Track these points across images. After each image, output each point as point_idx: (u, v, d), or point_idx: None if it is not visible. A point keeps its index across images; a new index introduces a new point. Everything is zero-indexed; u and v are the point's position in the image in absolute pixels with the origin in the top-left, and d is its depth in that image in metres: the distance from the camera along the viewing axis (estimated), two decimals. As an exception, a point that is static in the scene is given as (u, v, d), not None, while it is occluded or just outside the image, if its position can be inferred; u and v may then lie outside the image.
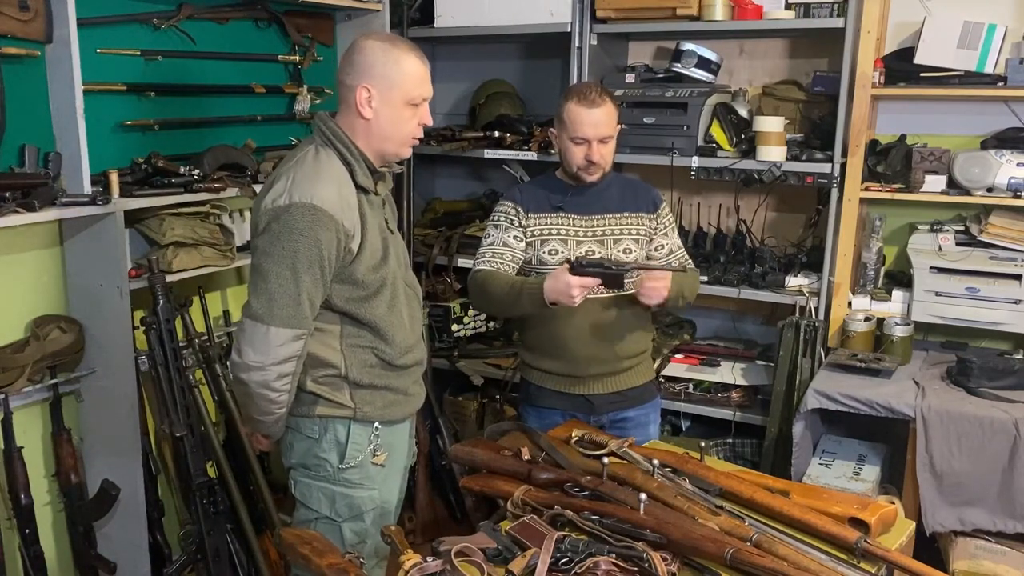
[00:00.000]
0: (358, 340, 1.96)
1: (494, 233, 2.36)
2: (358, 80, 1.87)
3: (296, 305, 1.81)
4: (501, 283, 2.25)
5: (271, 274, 1.81)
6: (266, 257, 1.82)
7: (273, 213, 1.81)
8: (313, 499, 2.01)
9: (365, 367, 1.97)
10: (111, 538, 2.55)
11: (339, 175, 1.88)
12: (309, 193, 1.80)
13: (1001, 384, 2.66)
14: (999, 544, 2.56)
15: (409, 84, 1.89)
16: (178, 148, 2.73)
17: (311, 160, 1.88)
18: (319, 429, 1.98)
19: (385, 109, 1.88)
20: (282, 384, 1.87)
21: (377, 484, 2.03)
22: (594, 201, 2.36)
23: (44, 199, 2.16)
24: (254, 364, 1.82)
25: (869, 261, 3.05)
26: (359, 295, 1.92)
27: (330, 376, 1.95)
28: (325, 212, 1.80)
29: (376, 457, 2.01)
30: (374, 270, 1.92)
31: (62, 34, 2.23)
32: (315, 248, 1.80)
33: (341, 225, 1.83)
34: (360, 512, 2.01)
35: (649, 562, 1.53)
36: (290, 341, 1.83)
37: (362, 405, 1.97)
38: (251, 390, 1.86)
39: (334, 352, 1.95)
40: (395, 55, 1.88)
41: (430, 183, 4.07)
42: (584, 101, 2.25)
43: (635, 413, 2.45)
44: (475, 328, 3.67)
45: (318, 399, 1.96)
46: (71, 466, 2.47)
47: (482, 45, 3.82)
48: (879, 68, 2.86)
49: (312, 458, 1.99)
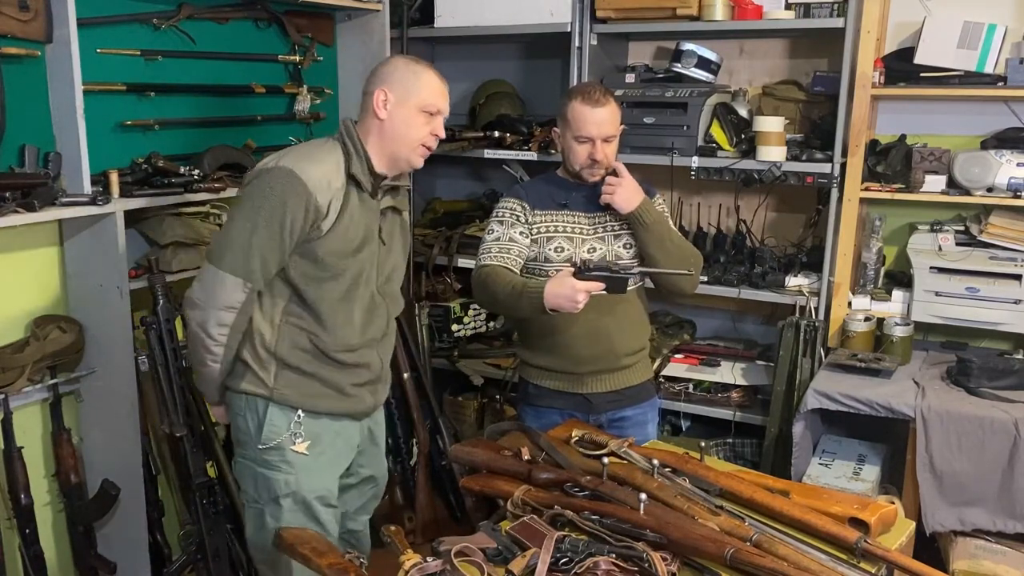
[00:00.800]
0: (297, 321, 2.01)
1: (498, 229, 2.35)
2: (377, 85, 2.01)
3: (245, 255, 1.89)
4: (503, 283, 2.24)
5: (233, 222, 1.93)
6: (236, 207, 1.97)
7: (256, 172, 1.95)
8: (243, 477, 2.09)
9: (295, 348, 2.01)
10: (111, 538, 2.55)
11: (331, 160, 1.98)
12: (294, 163, 1.92)
13: (1001, 384, 2.66)
14: (999, 544, 2.56)
15: (425, 92, 2.01)
16: (178, 148, 2.73)
17: (314, 143, 2.04)
18: (243, 405, 2.04)
19: (399, 111, 1.99)
20: (218, 333, 1.94)
21: (296, 471, 2.04)
22: (595, 199, 2.36)
23: (44, 199, 2.16)
24: (197, 301, 1.94)
25: (869, 261, 3.05)
26: (314, 274, 1.98)
27: (261, 348, 2.00)
28: (300, 180, 1.89)
29: (296, 444, 2.02)
30: (338, 256, 1.98)
31: (62, 34, 2.23)
32: (279, 208, 1.88)
33: (313, 198, 1.90)
34: (276, 495, 2.03)
35: (649, 562, 1.53)
36: (232, 288, 1.91)
37: (282, 387, 2.01)
38: (191, 329, 1.97)
39: (271, 325, 2.00)
40: (416, 68, 2.03)
41: (430, 183, 4.07)
42: (589, 100, 2.25)
43: (633, 412, 2.45)
44: (475, 328, 3.67)
45: (246, 371, 2.01)
46: (71, 466, 2.47)
47: (482, 45, 3.82)
48: (879, 68, 2.86)
49: (240, 434, 2.07)
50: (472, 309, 3.62)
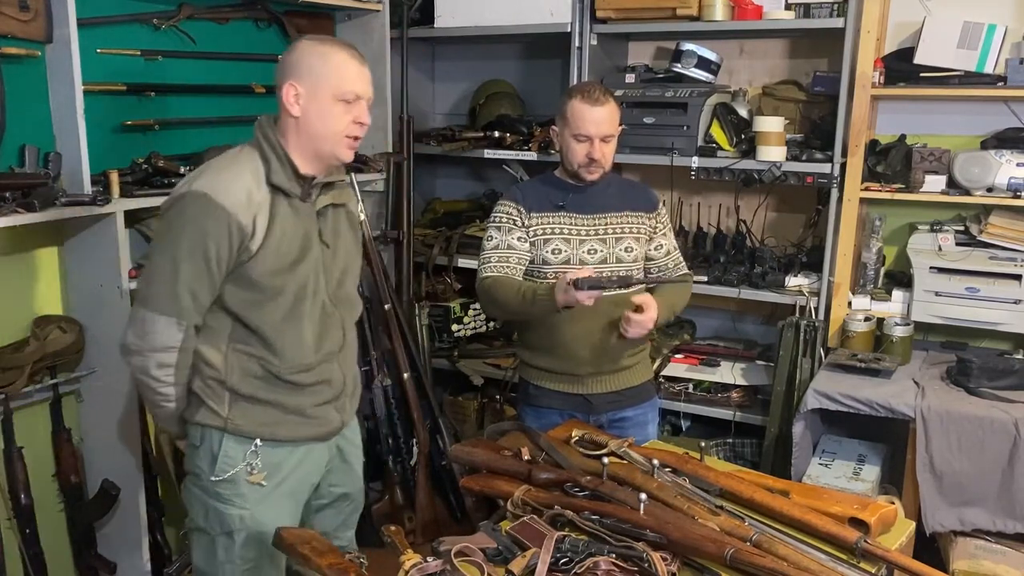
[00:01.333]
0: (245, 347, 1.86)
1: (497, 235, 2.35)
2: (285, 78, 1.83)
3: (173, 293, 1.76)
4: (510, 291, 2.24)
5: (153, 259, 1.81)
6: (155, 242, 1.85)
7: (171, 200, 1.80)
8: (192, 507, 1.95)
9: (247, 376, 1.87)
10: (111, 538, 2.55)
11: (249, 172, 1.82)
12: (208, 184, 1.77)
13: (1001, 384, 2.66)
14: (999, 544, 2.56)
15: (337, 78, 1.81)
16: (178, 148, 2.73)
17: (229, 156, 1.86)
18: (199, 436, 1.90)
19: (312, 105, 1.82)
20: (163, 375, 1.81)
21: (250, 504, 1.89)
22: (595, 200, 2.36)
23: (44, 199, 2.16)
24: (132, 347, 1.81)
25: (869, 261, 3.05)
26: (253, 298, 1.83)
27: (212, 380, 1.87)
28: (217, 204, 1.74)
29: (252, 476, 1.88)
30: (274, 274, 1.83)
31: (62, 34, 2.23)
32: (199, 238, 1.74)
33: (234, 219, 1.75)
34: (230, 529, 1.90)
35: (649, 562, 1.53)
36: (166, 329, 1.77)
37: (236, 417, 1.87)
38: (135, 376, 1.86)
39: (218, 354, 1.86)
40: (323, 50, 1.83)
41: (430, 183, 4.07)
42: (588, 99, 2.25)
43: (634, 412, 2.45)
44: (475, 328, 3.67)
45: (200, 404, 1.88)
46: (71, 466, 2.47)
47: (482, 45, 3.82)
48: (879, 68, 2.86)
49: (193, 465, 1.93)
50: (472, 309, 3.62)
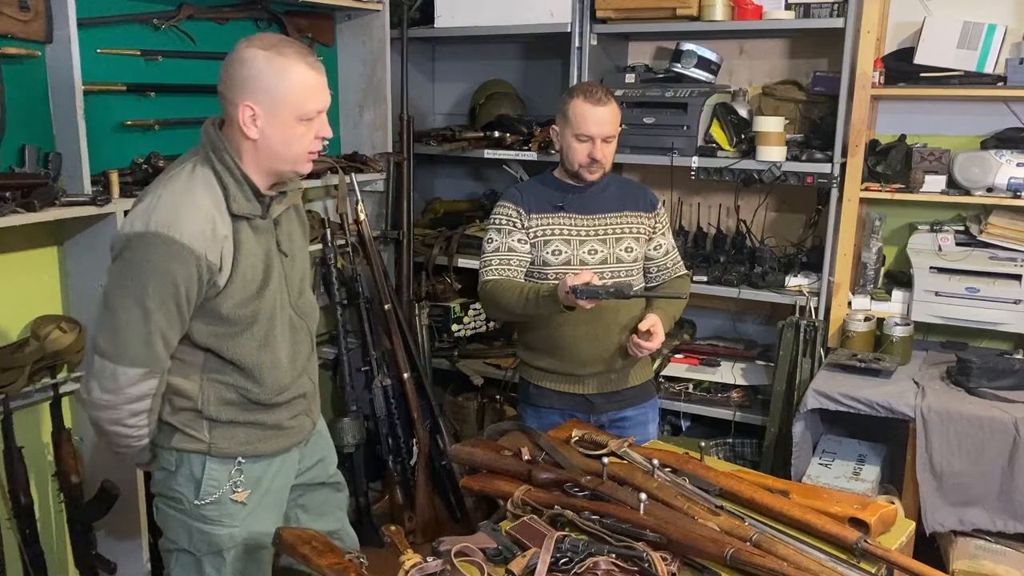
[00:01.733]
0: (220, 376, 1.77)
1: (497, 238, 2.35)
2: (239, 97, 1.67)
3: (147, 344, 1.64)
4: (512, 293, 2.25)
5: (119, 309, 1.63)
6: (116, 290, 1.64)
7: (126, 241, 1.63)
8: (171, 530, 1.87)
9: (223, 404, 1.79)
10: (111, 538, 2.55)
11: (209, 202, 1.67)
12: (167, 223, 1.61)
13: (1001, 384, 2.66)
14: (999, 544, 2.57)
15: (298, 98, 1.67)
16: (178, 148, 2.71)
17: (183, 181, 1.69)
18: (175, 461, 1.81)
19: (272, 128, 1.68)
20: (136, 421, 1.72)
21: (238, 521, 1.84)
22: (594, 200, 2.36)
23: (44, 199, 2.16)
24: (103, 403, 1.67)
25: (869, 261, 3.05)
26: (225, 331, 1.74)
27: (186, 409, 1.78)
28: (183, 245, 1.61)
29: (236, 494, 1.83)
30: (243, 304, 1.73)
31: (62, 34, 2.23)
32: (169, 284, 1.62)
33: (203, 258, 1.64)
34: (219, 549, 1.84)
35: (649, 562, 1.53)
36: (140, 380, 1.66)
37: (219, 440, 1.80)
38: (102, 428, 1.72)
39: (192, 384, 1.77)
40: (279, 65, 1.66)
41: (430, 183, 4.08)
42: (590, 99, 2.25)
43: (634, 412, 2.45)
44: (475, 328, 3.67)
45: (175, 431, 1.79)
46: (71, 466, 2.47)
47: (482, 45, 3.82)
48: (879, 68, 2.86)
49: (169, 490, 1.84)
50: (472, 309, 3.63)
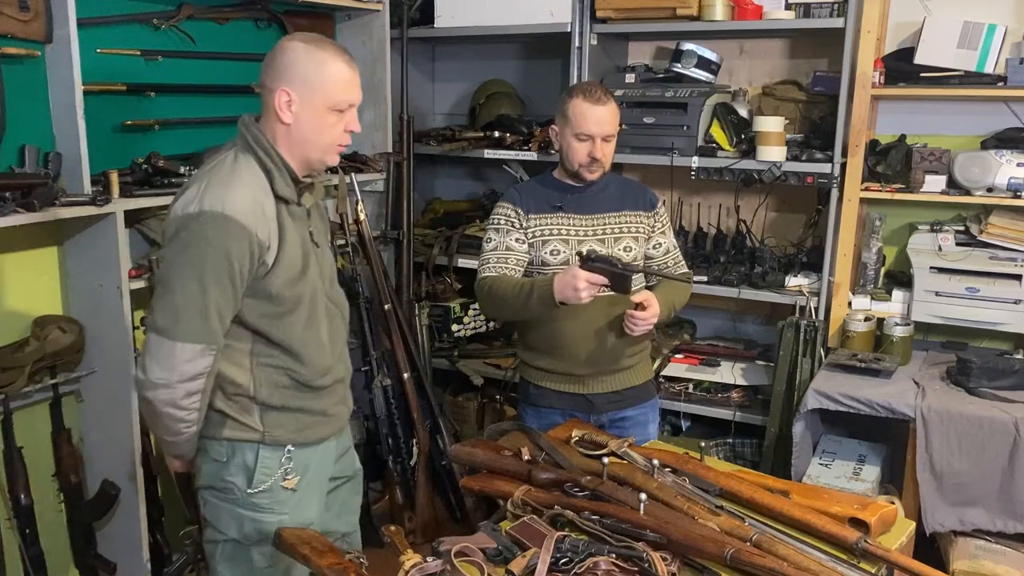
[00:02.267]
0: (269, 360, 1.84)
1: (496, 237, 2.35)
2: (277, 83, 1.76)
3: (204, 319, 1.69)
4: (509, 287, 2.24)
5: (176, 286, 1.69)
6: (172, 268, 1.70)
7: (181, 221, 1.71)
8: (222, 522, 1.90)
9: (276, 388, 1.85)
10: (111, 538, 2.55)
11: (256, 183, 1.76)
12: (220, 201, 1.69)
13: (1001, 384, 2.66)
14: (999, 544, 2.56)
15: (332, 88, 1.76)
16: (178, 148, 2.73)
17: (228, 166, 1.77)
18: (227, 452, 1.86)
19: (306, 114, 1.76)
20: (190, 402, 1.74)
21: (288, 508, 1.89)
22: (593, 200, 2.36)
23: (44, 199, 2.16)
24: (159, 381, 1.70)
25: (869, 261, 3.05)
26: (273, 311, 1.80)
27: (239, 396, 1.83)
28: (236, 222, 1.68)
29: (287, 481, 1.88)
30: (290, 285, 1.80)
31: (62, 34, 2.23)
32: (224, 260, 1.68)
33: (254, 236, 1.71)
34: (269, 537, 1.85)
35: (649, 562, 1.53)
36: (198, 357, 1.70)
37: (272, 428, 1.86)
38: (157, 408, 1.74)
39: (243, 371, 1.82)
40: (318, 57, 1.76)
41: (430, 183, 4.08)
42: (590, 98, 2.25)
43: (634, 412, 2.45)
44: (475, 328, 3.67)
45: (226, 419, 1.84)
46: (71, 466, 2.47)
47: (482, 45, 3.82)
48: (879, 68, 2.86)
49: (220, 481, 1.88)
50: (472, 309, 3.63)
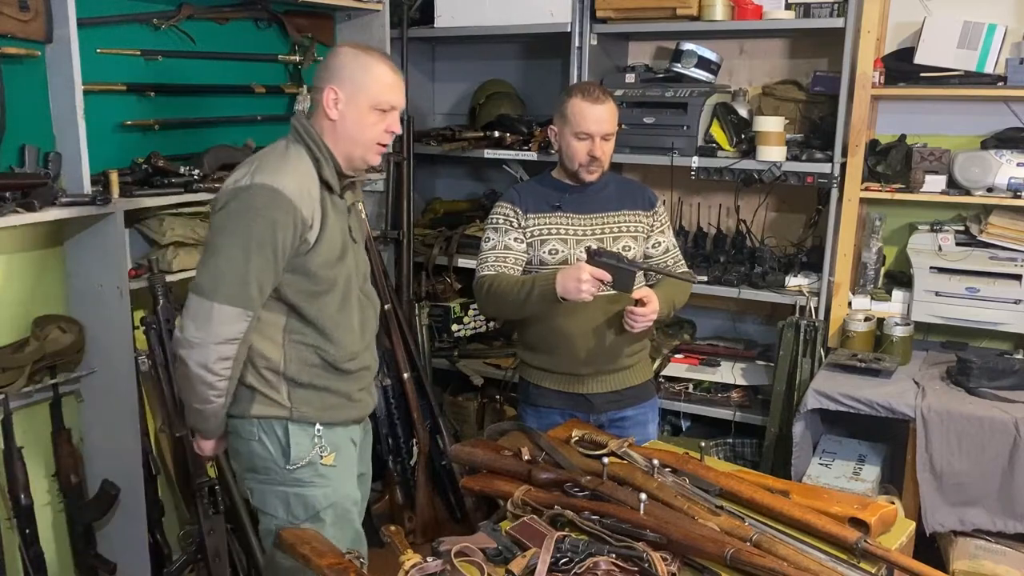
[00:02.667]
0: (301, 337, 1.94)
1: (494, 236, 2.36)
2: (326, 82, 1.90)
3: (243, 284, 1.79)
4: (510, 284, 2.25)
5: (221, 250, 1.80)
6: (219, 233, 1.82)
7: (232, 193, 1.82)
8: (269, 504, 1.98)
9: (305, 365, 1.94)
10: (111, 538, 2.55)
11: (305, 169, 1.89)
12: (271, 177, 1.81)
13: (1001, 384, 2.66)
14: (999, 544, 2.56)
15: (375, 89, 1.90)
16: (178, 148, 2.73)
17: (279, 152, 1.90)
18: (256, 430, 1.95)
19: (350, 111, 1.90)
20: (222, 368, 1.83)
21: (331, 482, 1.99)
22: (592, 200, 2.36)
23: (44, 199, 2.16)
24: (195, 340, 1.79)
25: (869, 261, 3.05)
26: (310, 289, 1.91)
27: (268, 370, 1.93)
28: (284, 195, 1.80)
29: (325, 458, 1.97)
30: (329, 266, 1.91)
31: (62, 34, 2.23)
32: (269, 229, 1.79)
33: (299, 211, 1.82)
34: (316, 511, 1.97)
35: (649, 562, 1.53)
36: (233, 320, 1.80)
37: (300, 405, 1.95)
38: (190, 370, 1.82)
39: (274, 346, 1.92)
40: (365, 60, 1.91)
41: (430, 183, 4.07)
42: (589, 97, 2.26)
43: (634, 412, 2.45)
44: (475, 328, 3.67)
45: (255, 395, 1.93)
46: (71, 466, 2.47)
47: (482, 45, 3.82)
48: (879, 68, 2.86)
49: (258, 460, 1.96)
50: (472, 309, 3.63)
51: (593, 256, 2.12)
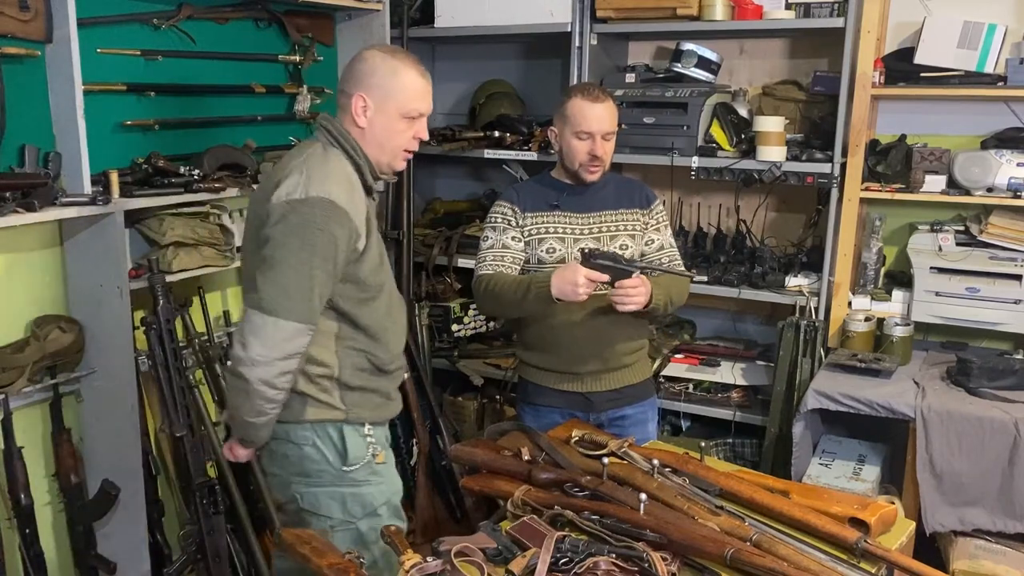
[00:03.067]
0: (352, 343, 1.96)
1: (492, 235, 2.37)
2: (355, 89, 1.90)
3: (308, 299, 1.80)
4: (507, 283, 2.25)
5: (285, 266, 1.78)
6: (281, 249, 1.79)
7: (288, 206, 1.79)
8: (323, 506, 2.00)
9: (356, 370, 1.97)
10: (111, 538, 2.54)
11: (349, 174, 1.89)
12: (325, 188, 1.80)
13: (1001, 384, 2.66)
14: (999, 544, 2.56)
15: (404, 96, 1.90)
16: (178, 148, 2.73)
17: (320, 158, 1.88)
18: (310, 435, 1.96)
19: (379, 119, 1.90)
20: (283, 381, 1.84)
21: (384, 479, 2.04)
22: (590, 199, 2.37)
23: (44, 199, 2.16)
24: (259, 359, 1.78)
25: (869, 261, 3.05)
26: (360, 297, 1.93)
27: (322, 376, 1.94)
28: (339, 207, 1.81)
29: (377, 456, 2.02)
30: (375, 272, 1.94)
31: (62, 34, 2.23)
32: (331, 243, 1.80)
33: (352, 222, 1.83)
34: (373, 508, 2.01)
35: (649, 562, 1.53)
36: (298, 335, 1.80)
37: (353, 407, 1.98)
38: (251, 387, 1.81)
39: (328, 353, 1.94)
40: (393, 66, 1.89)
41: (430, 183, 4.07)
42: (589, 96, 2.27)
43: (633, 411, 2.45)
44: (475, 328, 3.67)
45: (307, 400, 1.94)
46: (71, 466, 2.47)
47: (482, 45, 3.82)
48: (879, 68, 2.86)
49: (311, 464, 1.98)
50: (472, 309, 3.62)
51: (588, 258, 2.12)
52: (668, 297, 2.30)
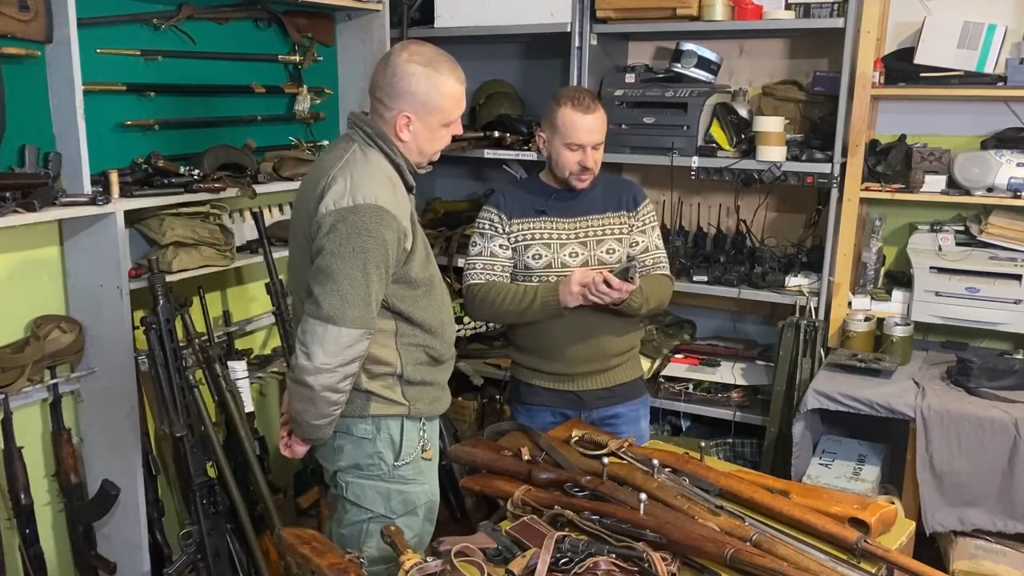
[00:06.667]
0: (411, 339, 2.00)
1: (480, 242, 2.38)
2: (398, 105, 1.90)
3: (366, 305, 1.83)
4: (507, 294, 2.27)
5: (342, 275, 1.81)
6: (335, 258, 1.82)
7: (339, 215, 1.82)
8: (367, 499, 2.02)
9: (417, 365, 2.01)
10: (111, 538, 2.55)
11: (391, 176, 1.92)
12: (372, 194, 1.83)
13: (1001, 384, 2.66)
14: (999, 544, 2.57)
15: (448, 107, 1.94)
16: (178, 148, 2.73)
17: (361, 160, 1.89)
18: (372, 428, 1.99)
19: (422, 131, 1.94)
20: (346, 385, 1.88)
21: (426, 478, 2.07)
22: (577, 203, 2.36)
23: (44, 199, 2.16)
24: (324, 367, 1.82)
25: (869, 261, 3.05)
26: (412, 295, 1.96)
27: (385, 374, 1.98)
28: (389, 212, 1.83)
29: (425, 452, 2.05)
30: (423, 268, 1.98)
31: (62, 34, 2.23)
32: (382, 248, 1.83)
33: (401, 225, 1.87)
34: (414, 507, 2.04)
35: (649, 562, 1.53)
36: (359, 341, 1.84)
37: (414, 402, 2.01)
38: (316, 394, 1.84)
39: (390, 351, 1.97)
40: (436, 81, 1.91)
41: (430, 183, 4.07)
42: (579, 106, 2.25)
43: (625, 409, 2.45)
44: (475, 328, 3.67)
45: (371, 397, 1.97)
46: (71, 466, 2.47)
47: (482, 45, 3.81)
48: (879, 68, 2.86)
49: (365, 458, 2.00)
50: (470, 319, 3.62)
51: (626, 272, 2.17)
52: (646, 295, 2.30)
